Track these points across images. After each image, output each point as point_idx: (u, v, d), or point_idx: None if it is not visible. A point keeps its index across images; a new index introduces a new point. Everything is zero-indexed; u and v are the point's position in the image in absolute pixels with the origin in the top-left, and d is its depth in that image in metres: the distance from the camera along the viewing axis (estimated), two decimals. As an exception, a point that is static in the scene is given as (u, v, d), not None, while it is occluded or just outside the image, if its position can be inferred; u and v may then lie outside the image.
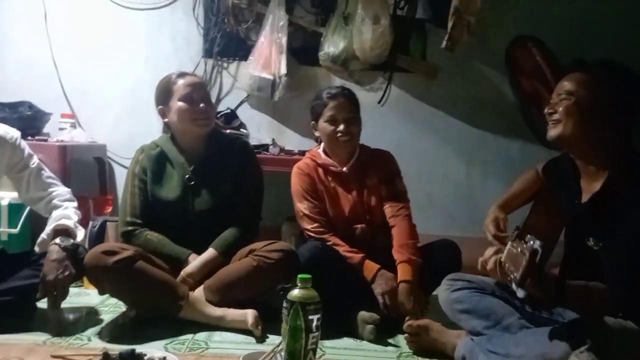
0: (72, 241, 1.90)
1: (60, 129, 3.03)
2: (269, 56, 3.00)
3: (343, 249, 2.11)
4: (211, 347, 1.81)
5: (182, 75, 2.17)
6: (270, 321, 1.84)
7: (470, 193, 3.25)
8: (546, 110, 1.66)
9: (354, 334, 1.95)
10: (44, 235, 1.94)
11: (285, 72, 2.99)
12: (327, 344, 1.86)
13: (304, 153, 2.61)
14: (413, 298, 1.98)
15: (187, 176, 2.13)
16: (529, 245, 1.28)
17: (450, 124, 3.24)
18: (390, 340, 1.95)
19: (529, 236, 1.32)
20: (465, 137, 3.25)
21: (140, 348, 1.57)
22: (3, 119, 2.52)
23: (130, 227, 2.09)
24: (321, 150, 2.29)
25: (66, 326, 1.94)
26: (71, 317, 2.05)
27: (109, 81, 3.23)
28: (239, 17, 3.14)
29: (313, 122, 2.28)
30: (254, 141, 3.02)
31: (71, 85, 3.22)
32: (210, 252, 2.05)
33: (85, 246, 2.13)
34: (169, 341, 1.82)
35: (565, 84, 1.63)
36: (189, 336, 1.88)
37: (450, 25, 2.78)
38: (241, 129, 3.03)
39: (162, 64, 3.11)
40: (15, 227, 2.53)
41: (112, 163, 3.24)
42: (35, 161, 2.03)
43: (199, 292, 1.99)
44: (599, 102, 1.58)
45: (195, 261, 2.04)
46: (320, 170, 2.26)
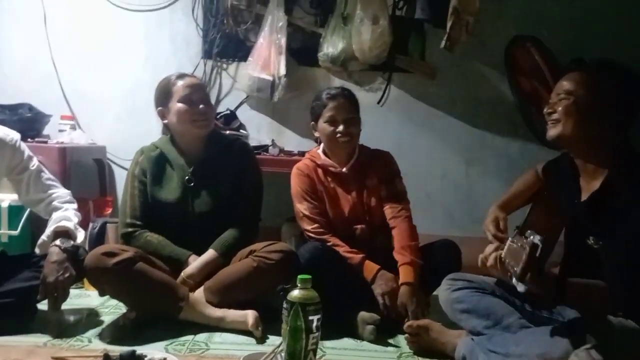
0: (72, 243, 1.90)
1: (60, 130, 3.03)
2: (268, 57, 3.00)
3: (343, 249, 2.11)
4: (211, 348, 1.81)
5: (181, 76, 2.17)
6: (271, 322, 1.84)
7: (470, 193, 3.25)
8: (545, 110, 1.66)
9: (354, 334, 1.95)
10: (44, 237, 1.94)
11: (285, 72, 2.99)
12: (327, 344, 1.86)
13: (303, 154, 2.61)
14: (415, 300, 1.98)
15: (187, 177, 2.13)
16: (529, 240, 1.28)
17: (449, 123, 3.24)
18: (391, 341, 1.95)
19: (529, 231, 1.32)
20: (464, 137, 3.25)
21: (140, 349, 1.57)
22: (3, 121, 2.51)
23: (130, 229, 2.09)
24: (321, 151, 2.28)
25: (67, 328, 1.94)
26: (72, 318, 2.05)
27: (109, 83, 3.23)
28: (238, 18, 3.14)
29: (313, 123, 2.28)
30: (254, 142, 3.03)
31: (71, 87, 3.23)
32: (210, 253, 2.05)
33: (86, 248, 2.13)
34: (169, 342, 1.82)
35: (564, 84, 1.63)
36: (189, 337, 1.88)
37: (449, 25, 2.78)
38: (241, 130, 3.04)
39: (162, 65, 3.12)
40: (16, 229, 2.53)
41: (112, 164, 3.24)
42: (35, 163, 2.03)
43: (199, 293, 1.99)
44: (598, 102, 1.58)
45: (195, 262, 2.04)
46: (320, 171, 2.26)
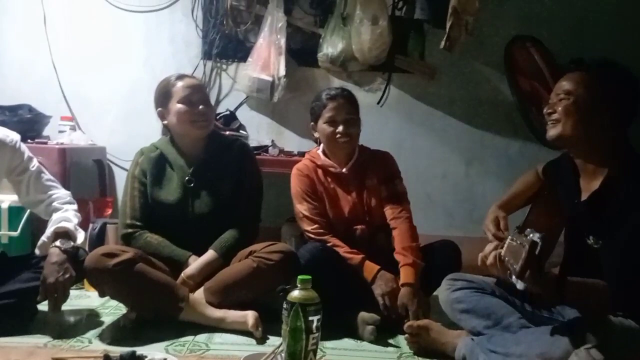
0: (72, 244, 1.90)
1: (60, 131, 3.03)
2: (267, 58, 3.00)
3: (343, 250, 2.10)
4: (212, 348, 1.81)
5: (181, 77, 2.18)
6: (271, 322, 1.84)
7: (469, 192, 3.26)
8: (545, 110, 1.66)
9: (355, 334, 1.95)
10: (44, 238, 1.94)
11: (284, 73, 2.99)
12: (327, 344, 1.86)
13: (303, 154, 2.61)
14: (416, 300, 1.98)
15: (187, 178, 2.13)
16: (528, 237, 1.29)
17: (449, 123, 3.25)
18: (391, 341, 1.95)
19: (528, 229, 1.32)
20: (464, 137, 3.25)
21: (140, 350, 1.57)
22: (3, 122, 2.52)
23: (130, 230, 2.09)
24: (320, 152, 2.28)
25: (67, 328, 1.94)
26: (72, 319, 2.05)
27: (108, 84, 3.23)
28: (237, 19, 3.14)
29: (312, 124, 2.27)
30: (254, 142, 3.03)
31: (71, 88, 3.22)
32: (210, 253, 2.05)
33: (86, 248, 2.13)
34: (169, 343, 1.82)
35: (564, 84, 1.63)
36: (189, 338, 1.88)
37: (448, 25, 2.78)
38: (240, 131, 3.03)
39: (161, 66, 3.12)
40: (16, 230, 2.53)
41: (112, 165, 3.24)
42: (35, 164, 2.03)
43: (199, 294, 1.99)
44: (597, 102, 1.58)
45: (195, 263, 2.03)
46: (320, 172, 2.26)
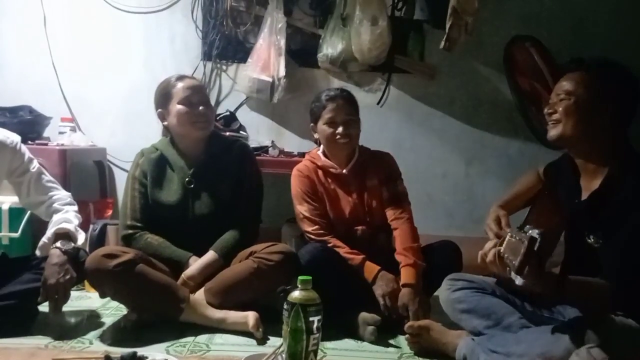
0: (72, 245, 1.90)
1: (60, 132, 3.02)
2: (267, 58, 3.00)
3: (343, 250, 2.10)
4: (212, 349, 1.81)
5: (181, 78, 2.18)
6: (271, 323, 1.84)
7: (470, 193, 3.26)
8: (546, 110, 1.66)
9: (355, 335, 1.95)
10: (44, 239, 1.94)
11: (284, 74, 2.99)
12: (328, 345, 1.86)
13: (303, 155, 2.61)
14: (417, 301, 1.98)
15: (187, 179, 2.13)
16: (527, 233, 1.29)
17: (449, 123, 3.24)
18: (392, 341, 1.95)
19: (528, 226, 1.33)
20: (464, 137, 3.25)
21: (141, 351, 1.58)
22: (3, 123, 2.51)
23: (130, 231, 2.09)
24: (321, 152, 2.28)
25: (68, 330, 1.95)
26: (72, 320, 2.06)
27: (109, 85, 3.23)
28: (237, 20, 3.15)
29: (312, 125, 2.27)
30: (254, 143, 3.03)
31: (71, 89, 3.22)
32: (210, 254, 2.05)
33: (86, 250, 2.13)
34: (170, 344, 1.82)
35: (564, 84, 1.63)
36: (190, 339, 1.88)
37: (448, 25, 2.78)
38: (240, 131, 3.03)
39: (161, 67, 3.12)
40: (16, 232, 2.53)
41: (112, 166, 3.24)
42: (35, 165, 2.03)
43: (199, 295, 1.99)
44: (598, 101, 1.59)
45: (196, 264, 2.04)
46: (320, 172, 2.25)
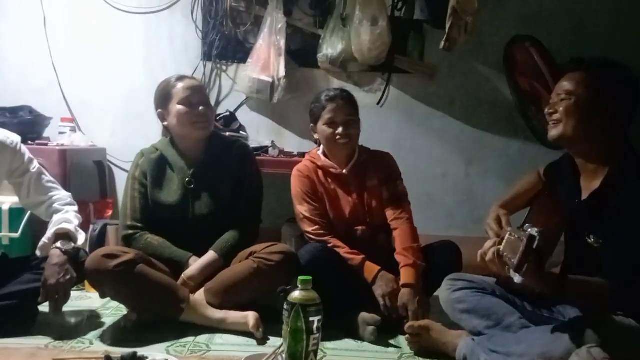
0: (73, 245, 1.90)
1: (60, 133, 3.03)
2: (267, 58, 3.00)
3: (343, 250, 2.10)
4: (212, 349, 1.81)
5: (181, 78, 2.18)
6: (271, 323, 1.84)
7: (470, 193, 3.26)
8: (546, 110, 1.66)
9: (355, 335, 1.95)
10: (45, 239, 1.94)
11: (284, 74, 3.00)
12: (328, 345, 1.86)
13: (303, 155, 2.61)
14: (417, 301, 1.98)
15: (187, 180, 2.13)
16: (527, 232, 1.30)
17: (449, 123, 3.25)
18: (392, 341, 1.95)
19: (527, 225, 1.33)
20: (464, 137, 3.25)
21: (141, 351, 1.58)
22: (3, 123, 2.51)
23: (130, 231, 2.09)
24: (321, 152, 2.28)
25: (68, 330, 1.95)
26: (73, 320, 2.06)
27: (109, 85, 3.23)
28: (237, 20, 3.15)
29: (312, 125, 2.27)
30: (254, 143, 3.03)
31: (71, 89, 3.23)
32: (210, 254, 2.05)
33: (86, 250, 2.13)
34: (170, 344, 1.82)
35: (565, 84, 1.63)
36: (190, 339, 1.88)
37: (448, 25, 2.79)
38: (240, 132, 3.04)
39: (161, 67, 3.12)
40: (16, 232, 2.54)
41: (112, 167, 3.24)
42: (35, 166, 2.03)
43: (199, 295, 1.99)
44: (598, 101, 1.58)
45: (196, 264, 2.04)
46: (320, 173, 2.25)
